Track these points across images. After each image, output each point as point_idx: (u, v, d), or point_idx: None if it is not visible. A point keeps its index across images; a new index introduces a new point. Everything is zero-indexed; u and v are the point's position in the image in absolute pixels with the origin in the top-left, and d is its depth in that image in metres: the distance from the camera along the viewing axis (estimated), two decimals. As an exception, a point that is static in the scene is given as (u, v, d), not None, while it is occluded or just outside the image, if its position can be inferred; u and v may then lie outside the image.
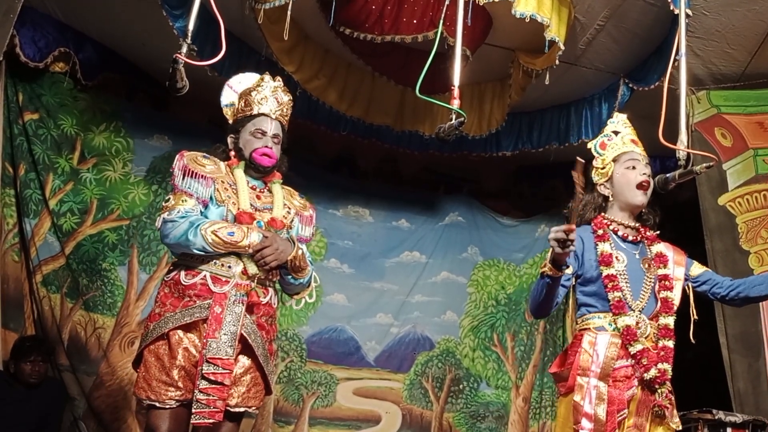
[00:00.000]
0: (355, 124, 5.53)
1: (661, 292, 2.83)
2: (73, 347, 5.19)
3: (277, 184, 3.18)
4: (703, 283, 2.95)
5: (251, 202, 3.02)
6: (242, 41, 4.90)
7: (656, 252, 2.93)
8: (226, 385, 2.80)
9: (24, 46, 4.85)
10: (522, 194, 6.96)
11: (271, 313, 3.06)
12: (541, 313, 2.75)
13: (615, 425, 2.64)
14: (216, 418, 2.78)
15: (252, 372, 2.96)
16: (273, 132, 3.11)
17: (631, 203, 2.90)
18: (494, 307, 6.48)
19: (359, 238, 6.34)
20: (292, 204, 3.19)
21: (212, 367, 2.79)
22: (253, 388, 2.96)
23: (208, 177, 3.01)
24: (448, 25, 3.86)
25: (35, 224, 5.18)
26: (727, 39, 4.56)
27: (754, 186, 4.76)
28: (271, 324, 3.06)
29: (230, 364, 2.82)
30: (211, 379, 2.78)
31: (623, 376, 2.70)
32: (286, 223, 3.09)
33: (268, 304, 3.02)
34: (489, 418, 6.25)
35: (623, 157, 2.94)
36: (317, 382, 5.96)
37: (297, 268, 3.01)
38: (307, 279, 3.14)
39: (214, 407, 2.77)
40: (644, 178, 2.88)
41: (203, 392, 2.77)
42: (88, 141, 5.42)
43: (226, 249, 2.89)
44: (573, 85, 5.26)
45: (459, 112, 2.81)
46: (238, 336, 2.86)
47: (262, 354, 2.95)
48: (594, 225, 2.92)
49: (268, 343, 3.01)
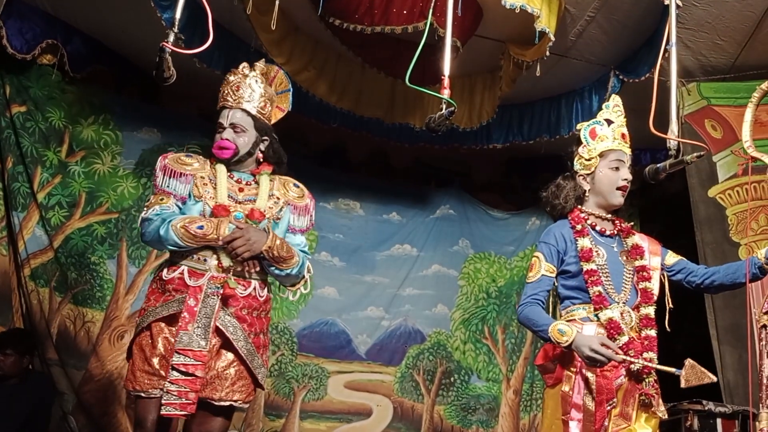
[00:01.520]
0: (345, 116, 5.50)
1: (639, 283, 2.86)
2: (61, 341, 5.16)
3: (264, 175, 3.14)
4: (678, 271, 2.97)
5: (232, 194, 3.02)
6: (231, 33, 4.87)
7: (632, 244, 2.95)
8: (198, 377, 2.79)
9: (11, 37, 4.81)
10: (513, 187, 6.96)
11: (256, 305, 3.02)
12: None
13: (604, 414, 2.65)
14: (188, 410, 2.77)
15: (236, 365, 2.93)
16: (230, 121, 3.07)
17: (610, 203, 2.94)
18: (485, 300, 6.49)
19: (350, 231, 6.33)
20: (285, 194, 3.15)
21: (183, 358, 2.78)
22: (238, 382, 2.93)
23: (188, 174, 3.03)
24: (438, 16, 3.84)
25: (23, 218, 5.15)
26: (717, 30, 4.56)
27: (744, 178, 4.77)
28: (257, 317, 3.02)
29: (202, 356, 2.80)
30: (182, 371, 2.77)
31: (611, 365, 2.70)
32: (272, 215, 3.06)
33: (250, 296, 2.99)
34: (480, 410, 6.27)
35: (610, 155, 2.93)
36: (308, 376, 5.95)
37: (277, 258, 2.97)
38: (297, 270, 3.09)
39: (186, 399, 2.76)
40: (625, 184, 2.91)
41: (174, 383, 2.77)
42: (77, 134, 5.39)
43: (197, 243, 2.90)
44: (563, 77, 5.26)
45: (449, 101, 2.80)
46: (212, 328, 2.85)
47: (243, 347, 2.92)
48: (572, 220, 2.93)
49: (253, 336, 2.96)
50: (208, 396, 2.87)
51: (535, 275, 2.85)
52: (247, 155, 3.10)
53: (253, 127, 3.10)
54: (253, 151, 3.12)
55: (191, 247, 2.90)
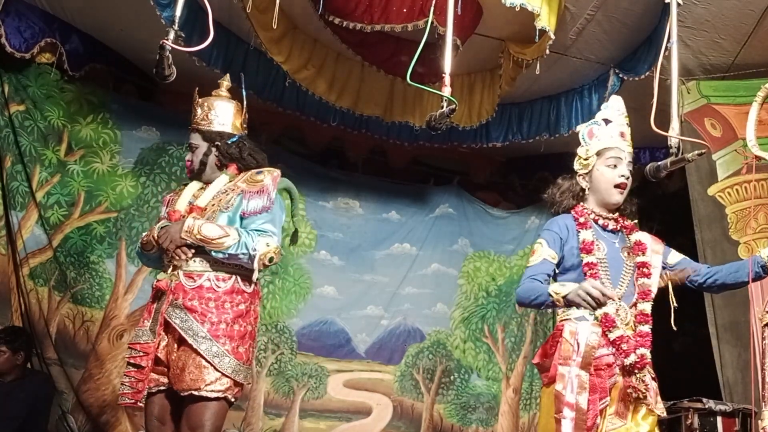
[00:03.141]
0: (344, 115, 5.50)
1: (638, 279, 2.86)
2: (60, 341, 5.16)
3: (222, 176, 3.31)
4: (681, 270, 2.96)
5: (192, 200, 3.27)
6: (230, 31, 4.86)
7: (635, 240, 2.95)
8: (143, 367, 3.02)
9: (9, 36, 4.79)
10: (512, 186, 6.97)
11: (213, 296, 3.07)
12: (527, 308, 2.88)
13: (597, 413, 2.65)
14: (137, 398, 3.03)
15: (191, 355, 2.99)
16: (188, 143, 3.38)
17: (607, 202, 2.93)
18: (485, 298, 6.48)
19: (349, 230, 6.32)
20: (238, 187, 3.24)
21: (132, 351, 3.08)
22: (196, 371, 2.97)
23: (170, 197, 3.41)
24: (438, 14, 3.82)
25: (22, 217, 5.14)
26: (717, 29, 4.56)
27: (744, 176, 4.77)
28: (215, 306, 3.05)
29: (148, 347, 3.04)
30: (132, 363, 3.06)
31: (605, 364, 2.71)
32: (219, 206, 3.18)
33: (201, 287, 3.07)
34: (480, 409, 6.27)
35: (607, 153, 2.93)
36: (308, 375, 5.94)
37: (204, 240, 3.04)
38: (236, 248, 3.06)
39: (134, 388, 3.03)
40: (623, 180, 2.90)
41: (127, 375, 3.07)
42: (75, 132, 5.37)
43: (147, 249, 3.25)
44: (563, 75, 5.26)
45: (450, 99, 2.80)
46: (160, 321, 3.05)
47: (191, 336, 2.99)
48: (575, 213, 2.93)
49: (209, 326, 3.00)
50: (177, 388, 3.00)
51: (537, 259, 2.84)
52: (202, 165, 3.32)
53: (201, 139, 3.32)
54: (206, 160, 3.32)
55: (148, 255, 3.27)
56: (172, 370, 3.03)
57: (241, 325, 3.10)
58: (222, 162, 3.32)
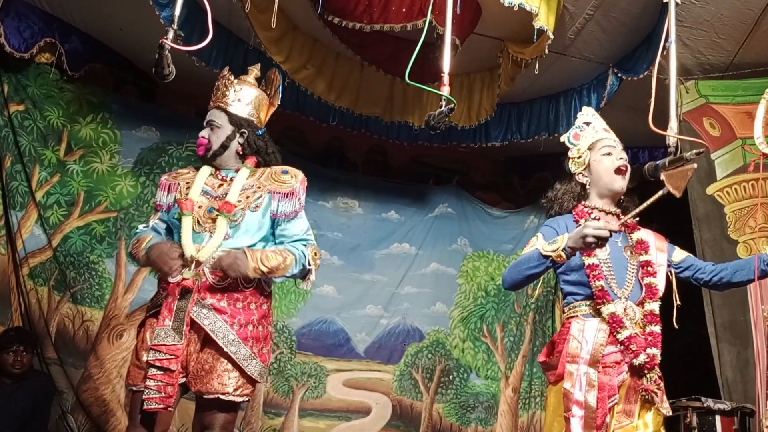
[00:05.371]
0: (344, 114, 5.51)
1: (644, 278, 2.83)
2: (60, 340, 5.16)
3: (244, 169, 3.13)
4: (686, 268, 2.96)
5: (210, 191, 3.06)
6: (230, 31, 4.87)
7: (637, 239, 2.92)
8: (173, 370, 2.82)
9: (9, 36, 4.81)
10: (511, 185, 6.98)
11: (240, 297, 3.00)
12: (516, 287, 2.81)
13: (606, 411, 2.63)
14: (167, 403, 2.80)
15: (219, 358, 2.90)
16: (208, 119, 3.15)
17: (611, 188, 2.91)
18: (484, 298, 6.49)
19: (348, 229, 6.33)
20: (271, 183, 3.12)
21: (157, 353, 2.82)
22: (224, 374, 2.89)
23: (173, 183, 3.14)
24: (438, 14, 3.84)
25: (22, 216, 5.15)
26: (715, 28, 4.57)
27: (743, 176, 4.78)
28: (242, 308, 2.99)
29: (176, 350, 2.83)
30: (157, 366, 2.81)
31: (613, 361, 2.69)
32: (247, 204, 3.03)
33: (230, 287, 2.96)
34: (479, 408, 6.27)
35: (598, 144, 2.94)
36: (307, 374, 5.95)
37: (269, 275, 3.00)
38: (297, 268, 3.06)
39: (164, 393, 2.80)
40: (622, 163, 2.89)
41: (152, 378, 2.81)
42: (75, 132, 5.38)
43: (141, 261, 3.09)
44: (562, 75, 5.26)
45: (449, 98, 2.80)
46: (186, 321, 2.86)
47: (223, 339, 2.90)
48: (575, 214, 2.91)
49: (237, 327, 2.94)
50: (199, 390, 2.89)
51: (529, 249, 2.77)
52: (222, 149, 3.11)
53: (228, 121, 3.12)
54: (228, 144, 3.12)
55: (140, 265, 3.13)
56: (192, 371, 2.90)
57: (264, 326, 3.08)
58: (245, 151, 3.15)
